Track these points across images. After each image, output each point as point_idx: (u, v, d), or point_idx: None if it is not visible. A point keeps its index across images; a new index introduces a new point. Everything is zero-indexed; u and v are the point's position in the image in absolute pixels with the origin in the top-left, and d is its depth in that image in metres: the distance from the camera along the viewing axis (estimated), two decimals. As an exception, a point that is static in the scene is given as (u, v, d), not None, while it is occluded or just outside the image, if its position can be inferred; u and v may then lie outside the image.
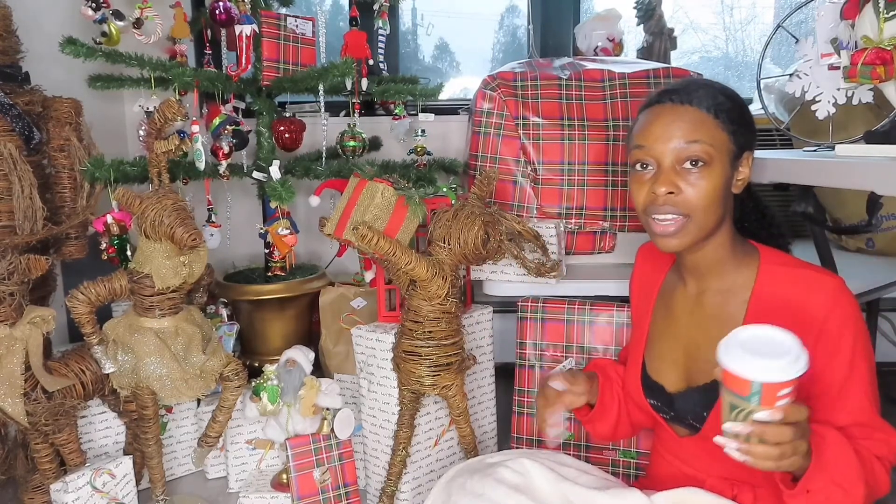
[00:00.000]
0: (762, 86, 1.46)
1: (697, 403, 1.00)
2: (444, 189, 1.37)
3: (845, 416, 0.91)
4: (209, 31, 1.87)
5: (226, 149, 1.58)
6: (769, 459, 0.77)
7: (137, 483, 1.43)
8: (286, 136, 1.79)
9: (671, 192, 0.93)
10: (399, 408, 1.38)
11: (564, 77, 1.70)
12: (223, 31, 1.76)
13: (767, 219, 1.12)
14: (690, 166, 0.93)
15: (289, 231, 1.61)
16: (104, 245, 1.48)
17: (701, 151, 0.92)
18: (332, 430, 1.40)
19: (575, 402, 1.15)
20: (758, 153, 1.11)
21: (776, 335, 0.78)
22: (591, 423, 1.20)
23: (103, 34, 1.55)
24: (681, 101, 0.95)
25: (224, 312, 1.77)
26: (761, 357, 0.75)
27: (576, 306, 1.46)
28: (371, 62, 1.87)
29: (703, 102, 0.94)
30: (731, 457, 0.79)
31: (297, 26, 1.76)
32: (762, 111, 1.45)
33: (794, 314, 0.92)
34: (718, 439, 0.80)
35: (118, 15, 1.56)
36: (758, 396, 0.76)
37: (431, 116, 1.82)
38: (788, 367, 0.75)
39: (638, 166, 0.98)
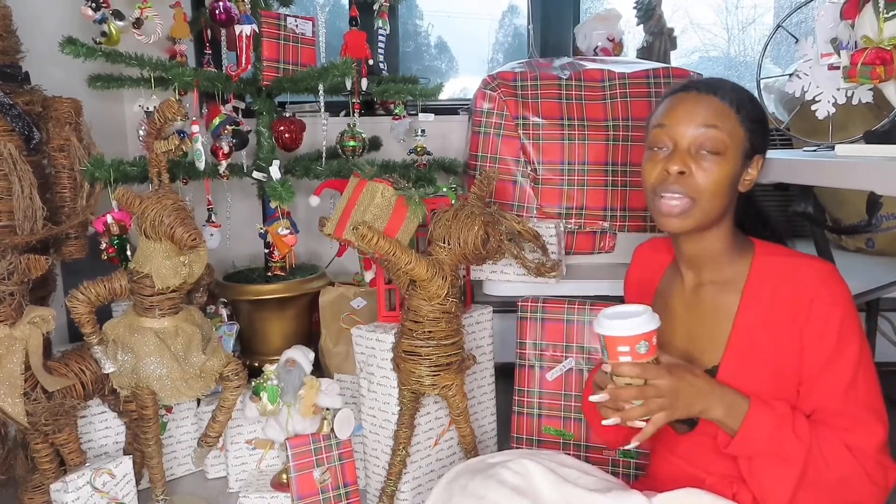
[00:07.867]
0: (762, 86, 1.46)
1: None
2: (444, 189, 1.37)
3: (817, 397, 0.92)
4: (209, 31, 1.87)
5: (226, 149, 1.58)
6: (607, 409, 0.91)
7: (137, 483, 1.43)
8: (286, 136, 1.79)
9: (682, 173, 0.96)
10: (399, 408, 1.38)
11: (564, 77, 1.70)
12: (223, 31, 1.76)
13: (771, 224, 1.14)
14: (705, 152, 0.96)
15: (289, 231, 1.60)
16: (104, 245, 1.48)
17: (717, 139, 0.95)
18: (332, 430, 1.40)
19: None
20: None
21: (630, 308, 0.91)
22: (598, 428, 1.20)
23: (103, 34, 1.55)
24: (706, 91, 0.98)
25: (224, 312, 1.77)
26: (610, 319, 0.89)
27: (575, 306, 1.46)
28: (371, 62, 1.87)
29: (727, 96, 0.97)
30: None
31: (296, 26, 1.76)
32: (762, 111, 1.45)
33: (783, 299, 0.94)
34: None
35: (118, 15, 1.56)
36: (606, 352, 0.90)
37: (431, 116, 1.82)
38: (625, 326, 0.87)
39: (654, 148, 1.00)
